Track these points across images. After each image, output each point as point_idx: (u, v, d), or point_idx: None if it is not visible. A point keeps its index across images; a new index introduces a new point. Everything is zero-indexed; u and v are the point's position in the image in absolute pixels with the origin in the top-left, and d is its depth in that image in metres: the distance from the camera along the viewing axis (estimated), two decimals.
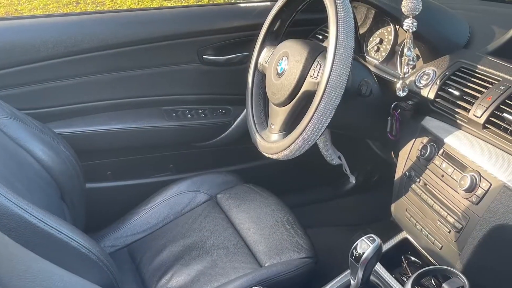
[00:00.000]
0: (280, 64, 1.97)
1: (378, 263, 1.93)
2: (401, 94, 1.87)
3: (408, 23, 1.72)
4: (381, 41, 2.27)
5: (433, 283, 1.91)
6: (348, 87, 1.71)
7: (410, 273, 2.05)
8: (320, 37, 2.59)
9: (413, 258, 2.12)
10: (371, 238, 1.54)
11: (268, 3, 2.85)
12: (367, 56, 2.32)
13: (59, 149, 2.06)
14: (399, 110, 2.03)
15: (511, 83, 1.65)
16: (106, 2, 8.24)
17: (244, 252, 2.16)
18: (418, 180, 1.91)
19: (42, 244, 1.45)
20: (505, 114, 1.59)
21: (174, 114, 2.78)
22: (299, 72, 1.87)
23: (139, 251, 2.26)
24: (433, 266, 1.90)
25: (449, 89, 1.81)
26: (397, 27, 2.20)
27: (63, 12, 7.83)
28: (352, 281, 1.63)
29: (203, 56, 2.72)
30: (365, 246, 1.53)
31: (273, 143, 1.96)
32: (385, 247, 2.11)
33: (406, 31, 1.75)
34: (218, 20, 2.76)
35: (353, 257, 1.54)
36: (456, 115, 1.77)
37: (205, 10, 2.91)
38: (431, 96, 1.87)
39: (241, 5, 2.95)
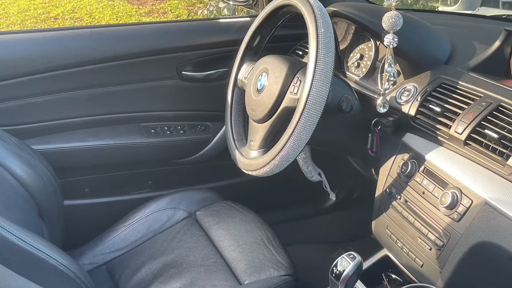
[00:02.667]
0: (259, 80, 1.96)
1: (359, 280, 1.92)
2: (382, 110, 1.86)
3: (389, 39, 1.71)
4: (361, 57, 2.27)
5: None
6: (328, 103, 1.70)
7: None
8: (300, 52, 2.59)
9: (394, 276, 2.10)
10: (352, 256, 1.53)
11: (248, 19, 2.84)
12: (347, 72, 2.32)
13: (36, 166, 2.04)
14: (379, 127, 2.02)
15: (492, 99, 1.65)
16: (85, 18, 8.26)
17: (223, 269, 2.14)
18: (399, 197, 1.91)
19: (20, 262, 1.43)
20: (486, 131, 1.59)
21: (152, 131, 2.76)
22: (279, 88, 1.86)
23: (118, 269, 2.23)
24: (414, 283, 1.89)
25: (430, 105, 1.80)
26: (378, 42, 2.20)
27: (41, 28, 7.82)
28: None
29: (182, 72, 2.71)
30: (345, 263, 1.52)
31: (252, 159, 1.95)
32: (366, 265, 2.10)
33: (386, 47, 1.74)
34: (197, 35, 2.75)
35: (334, 275, 1.53)
36: (437, 132, 1.76)
37: (184, 26, 2.90)
38: (412, 112, 1.86)
39: (221, 20, 2.94)
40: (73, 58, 2.47)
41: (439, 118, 1.75)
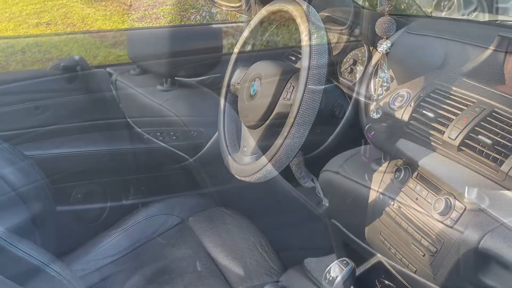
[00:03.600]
0: (252, 85, 1.95)
1: (352, 286, 1.91)
2: (375, 116, 1.86)
3: (382, 44, 1.71)
4: (354, 63, 2.27)
5: None
6: (321, 109, 1.70)
7: None
8: (293, 58, 2.58)
9: (387, 282, 2.10)
10: (345, 262, 1.53)
11: (241, 24, 2.84)
12: (340, 78, 2.31)
13: (29, 172, 2.04)
14: (372, 132, 2.01)
15: (486, 105, 1.65)
16: (77, 23, 8.23)
17: (216, 276, 2.13)
18: (392, 203, 1.90)
19: (12, 268, 1.43)
20: (480, 136, 1.58)
21: (145, 136, 2.75)
22: (272, 93, 1.85)
23: (110, 275, 2.22)
24: None
25: (424, 111, 1.80)
26: (371, 48, 2.19)
27: (34, 33, 7.81)
28: None
29: (175, 78, 2.70)
30: (338, 269, 1.51)
31: (245, 165, 1.94)
32: (359, 271, 2.08)
33: (380, 52, 1.74)
34: (190, 41, 2.74)
35: (327, 281, 1.52)
36: (430, 137, 1.75)
37: (177, 31, 2.90)
38: (405, 118, 1.85)
39: (213, 26, 2.94)
40: (65, 63, 2.46)
41: (432, 124, 1.74)
